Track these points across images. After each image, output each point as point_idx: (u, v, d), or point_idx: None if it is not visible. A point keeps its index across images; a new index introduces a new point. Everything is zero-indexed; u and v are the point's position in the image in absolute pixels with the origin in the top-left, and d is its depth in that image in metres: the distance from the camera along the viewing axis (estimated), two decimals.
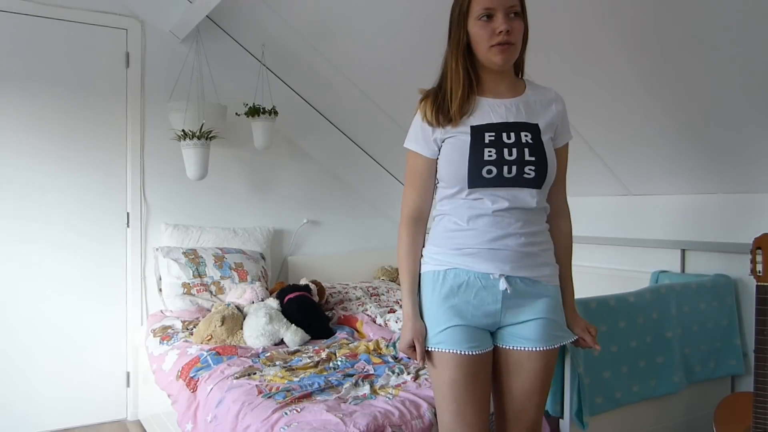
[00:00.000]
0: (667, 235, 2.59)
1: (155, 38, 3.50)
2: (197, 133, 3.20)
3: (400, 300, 3.55)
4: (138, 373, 3.40)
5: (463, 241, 1.55)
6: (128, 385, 3.45)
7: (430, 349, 1.58)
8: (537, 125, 1.56)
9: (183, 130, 3.22)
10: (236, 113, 3.51)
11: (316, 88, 3.72)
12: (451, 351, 1.54)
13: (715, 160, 2.34)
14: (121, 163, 3.45)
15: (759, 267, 2.02)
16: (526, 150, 1.52)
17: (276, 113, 3.49)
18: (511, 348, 1.59)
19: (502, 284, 1.52)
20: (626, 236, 2.75)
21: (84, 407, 3.34)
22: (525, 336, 1.56)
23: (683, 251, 2.63)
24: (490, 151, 1.51)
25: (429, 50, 2.82)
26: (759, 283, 2.01)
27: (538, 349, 1.56)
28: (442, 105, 1.56)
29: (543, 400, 1.64)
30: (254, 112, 3.45)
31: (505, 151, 1.51)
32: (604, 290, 2.19)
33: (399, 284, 3.99)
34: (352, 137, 4.01)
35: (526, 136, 1.53)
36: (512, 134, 1.53)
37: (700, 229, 2.47)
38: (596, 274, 2.84)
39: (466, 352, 1.53)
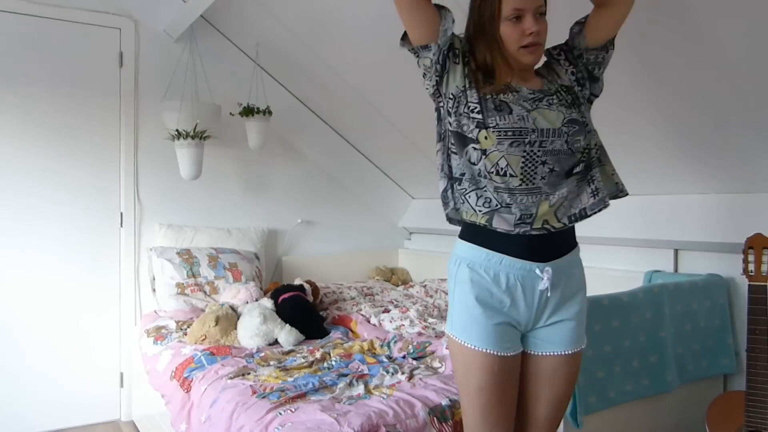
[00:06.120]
0: (660, 235, 2.59)
1: (149, 38, 3.49)
2: (191, 133, 3.19)
3: (394, 299, 3.55)
4: (132, 373, 3.39)
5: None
6: (122, 385, 3.44)
7: (456, 339, 1.52)
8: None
9: (177, 130, 3.21)
10: (230, 113, 3.51)
11: (311, 88, 3.72)
12: (485, 350, 1.48)
13: (708, 160, 2.34)
14: (114, 163, 3.44)
15: (751, 266, 2.04)
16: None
17: (270, 113, 3.49)
18: (543, 354, 1.55)
19: (545, 283, 1.51)
20: (619, 236, 2.75)
21: (77, 408, 3.32)
22: (556, 340, 1.54)
23: (676, 251, 2.64)
24: None
25: None
26: (751, 283, 2.03)
27: (569, 352, 1.54)
28: None
29: (569, 402, 1.64)
30: (248, 111, 3.45)
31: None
32: (597, 290, 2.18)
33: (393, 284, 3.99)
34: (346, 137, 4.01)
35: None
36: None
37: (692, 229, 2.47)
38: (589, 274, 2.81)
39: (501, 353, 1.48)
